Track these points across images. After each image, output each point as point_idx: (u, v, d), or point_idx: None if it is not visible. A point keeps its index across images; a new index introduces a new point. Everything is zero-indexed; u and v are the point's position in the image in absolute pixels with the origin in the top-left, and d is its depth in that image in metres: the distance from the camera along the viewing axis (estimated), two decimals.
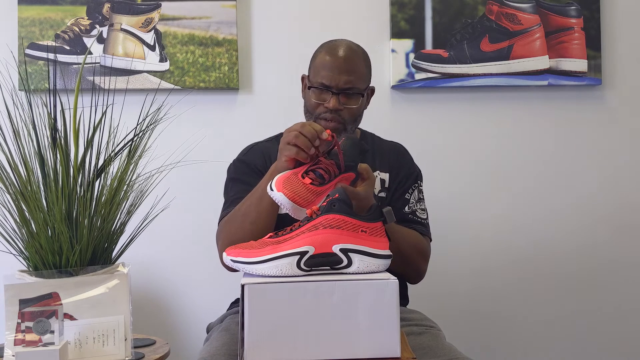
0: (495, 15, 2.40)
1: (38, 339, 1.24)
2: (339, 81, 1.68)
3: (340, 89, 1.69)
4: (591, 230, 2.46)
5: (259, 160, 1.76)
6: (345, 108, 1.69)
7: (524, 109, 2.45)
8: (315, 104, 1.71)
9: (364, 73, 1.73)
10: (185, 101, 2.24)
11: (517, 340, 2.45)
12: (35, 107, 1.43)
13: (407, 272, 1.71)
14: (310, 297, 1.20)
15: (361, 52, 1.75)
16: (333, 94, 1.68)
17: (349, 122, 1.71)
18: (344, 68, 1.69)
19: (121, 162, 1.48)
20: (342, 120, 1.70)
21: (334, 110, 1.69)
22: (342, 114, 1.70)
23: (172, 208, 1.81)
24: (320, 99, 1.70)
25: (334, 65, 1.69)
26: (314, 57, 1.76)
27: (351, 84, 1.69)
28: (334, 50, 1.71)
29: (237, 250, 1.29)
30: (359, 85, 1.71)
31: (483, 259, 2.44)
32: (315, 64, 1.73)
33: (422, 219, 1.77)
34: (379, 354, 1.20)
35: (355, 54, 1.72)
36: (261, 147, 1.82)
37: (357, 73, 1.71)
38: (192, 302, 2.37)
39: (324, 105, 1.69)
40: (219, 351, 1.50)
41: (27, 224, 1.40)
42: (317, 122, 1.70)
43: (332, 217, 1.26)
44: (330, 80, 1.68)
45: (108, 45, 2.32)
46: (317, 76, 1.71)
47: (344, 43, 1.74)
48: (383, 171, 1.77)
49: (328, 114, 1.69)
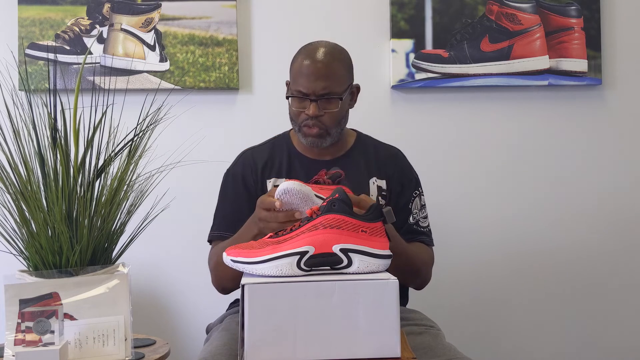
0: (496, 15, 2.40)
1: (38, 339, 1.24)
2: (316, 88, 1.66)
3: (318, 96, 1.66)
4: (591, 229, 2.46)
5: (247, 169, 1.77)
6: (325, 113, 1.68)
7: (524, 109, 2.44)
8: (297, 112, 1.69)
9: (341, 75, 1.70)
10: (185, 101, 2.24)
11: (517, 340, 2.45)
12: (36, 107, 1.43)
13: (415, 283, 1.79)
14: (311, 297, 1.20)
15: (337, 54, 1.71)
16: (311, 101, 1.66)
17: (332, 126, 1.70)
18: (320, 74, 1.66)
19: (121, 162, 1.48)
20: (324, 125, 1.69)
21: (314, 117, 1.67)
22: (323, 120, 1.68)
23: (172, 208, 1.81)
24: (300, 106, 1.69)
25: (310, 71, 1.66)
26: (292, 63, 1.73)
27: (328, 89, 1.67)
28: (309, 56, 1.68)
29: (237, 250, 1.29)
30: (336, 89, 1.68)
31: (483, 259, 2.44)
32: (293, 71, 1.71)
33: (425, 227, 1.79)
34: (379, 354, 1.21)
35: (330, 57, 1.68)
36: (252, 153, 1.82)
37: (333, 77, 1.67)
38: (192, 302, 2.37)
39: (305, 113, 1.68)
40: (220, 351, 1.51)
41: (27, 224, 1.41)
42: (301, 129, 1.70)
43: (332, 217, 1.26)
44: (307, 87, 1.66)
45: (108, 45, 2.32)
46: (295, 84, 1.69)
47: (320, 46, 1.70)
48: (380, 178, 1.77)
49: (309, 121, 1.68)
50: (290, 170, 1.76)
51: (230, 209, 1.75)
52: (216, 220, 1.78)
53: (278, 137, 1.85)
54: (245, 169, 1.78)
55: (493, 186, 2.44)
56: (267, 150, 1.80)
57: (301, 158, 1.77)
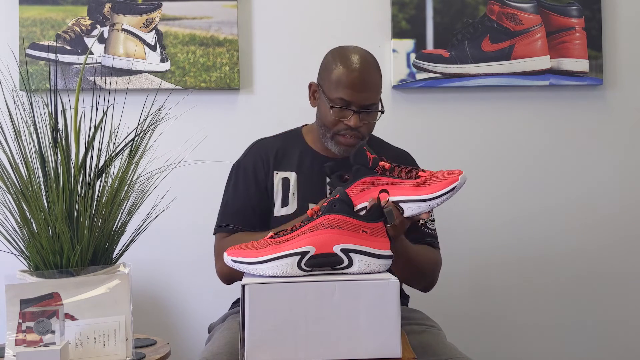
0: (497, 15, 2.40)
1: (39, 339, 1.24)
2: (360, 99, 1.64)
3: (362, 107, 1.65)
4: (592, 230, 2.46)
5: (259, 161, 1.76)
6: (364, 124, 1.67)
7: (525, 109, 2.44)
8: (335, 120, 1.67)
9: (379, 85, 1.69)
10: (186, 101, 2.23)
11: (517, 340, 2.45)
12: (37, 107, 1.43)
13: (421, 285, 1.77)
14: (311, 298, 1.20)
15: (374, 62, 1.70)
16: (354, 113, 1.64)
17: (367, 135, 1.70)
18: (364, 85, 1.64)
19: (122, 162, 1.48)
20: (361, 135, 1.68)
21: (354, 128, 1.66)
22: (361, 130, 1.67)
23: (173, 208, 1.81)
24: (340, 116, 1.66)
25: (354, 82, 1.63)
26: (328, 70, 1.69)
27: (372, 100, 1.66)
28: (350, 65, 1.65)
29: (238, 250, 1.29)
30: (377, 99, 1.68)
31: (484, 258, 2.44)
32: (332, 78, 1.66)
33: (433, 230, 1.78)
34: (380, 354, 1.21)
35: (371, 66, 1.67)
36: (265, 143, 1.81)
37: (375, 87, 1.67)
38: (193, 302, 2.37)
39: (345, 123, 1.66)
40: (222, 350, 1.51)
41: (28, 224, 1.41)
42: (334, 137, 1.69)
43: (332, 217, 1.26)
44: (350, 97, 1.64)
45: (109, 46, 2.32)
46: (335, 92, 1.65)
47: (358, 54, 1.68)
48: None
49: (348, 131, 1.66)
50: (300, 165, 1.75)
51: (240, 201, 1.74)
52: (226, 212, 1.76)
53: (289, 132, 1.84)
54: (256, 160, 1.77)
55: (494, 186, 2.44)
56: (279, 143, 1.80)
57: (313, 154, 1.77)
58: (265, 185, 1.74)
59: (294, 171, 1.74)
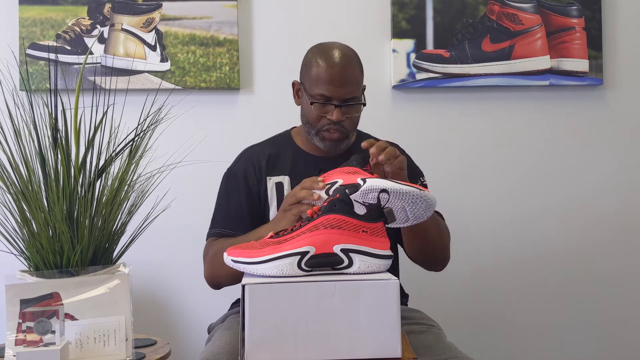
0: (497, 15, 2.40)
1: (39, 339, 1.24)
2: (340, 93, 1.65)
3: (342, 101, 1.66)
4: (592, 230, 2.46)
5: (250, 168, 1.77)
6: (347, 118, 1.67)
7: (525, 109, 2.44)
8: (318, 116, 1.68)
9: (360, 79, 1.70)
10: (186, 101, 2.24)
11: (517, 340, 2.45)
12: (36, 107, 1.43)
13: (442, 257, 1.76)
14: (311, 298, 1.20)
15: (354, 56, 1.71)
16: (335, 107, 1.65)
17: (351, 130, 1.70)
18: (344, 79, 1.65)
19: (122, 162, 1.48)
20: (345, 130, 1.68)
21: (337, 122, 1.66)
22: (344, 124, 1.67)
23: (173, 208, 1.81)
24: (322, 111, 1.67)
25: (333, 77, 1.64)
26: (308, 66, 1.70)
27: (352, 94, 1.66)
28: (329, 59, 1.66)
29: (238, 250, 1.29)
30: (357, 93, 1.68)
31: (484, 258, 2.44)
32: (311, 74, 1.68)
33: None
34: (380, 354, 1.20)
35: (350, 60, 1.68)
36: (256, 150, 1.82)
37: (355, 81, 1.68)
38: (193, 302, 2.37)
39: (327, 118, 1.67)
40: (222, 350, 1.51)
41: (28, 224, 1.41)
42: (319, 134, 1.69)
43: (332, 217, 1.26)
44: (330, 92, 1.65)
45: (109, 46, 2.32)
46: (315, 88, 1.67)
47: (336, 49, 1.69)
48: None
49: (331, 126, 1.67)
50: (293, 169, 1.76)
51: (232, 208, 1.75)
52: (216, 218, 1.78)
53: (279, 136, 1.85)
54: (247, 167, 1.77)
55: (494, 186, 2.44)
56: (269, 148, 1.80)
57: (306, 156, 1.77)
58: (257, 191, 1.75)
59: (287, 175, 1.74)
